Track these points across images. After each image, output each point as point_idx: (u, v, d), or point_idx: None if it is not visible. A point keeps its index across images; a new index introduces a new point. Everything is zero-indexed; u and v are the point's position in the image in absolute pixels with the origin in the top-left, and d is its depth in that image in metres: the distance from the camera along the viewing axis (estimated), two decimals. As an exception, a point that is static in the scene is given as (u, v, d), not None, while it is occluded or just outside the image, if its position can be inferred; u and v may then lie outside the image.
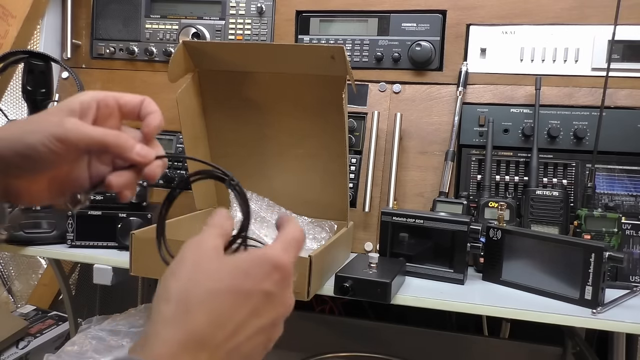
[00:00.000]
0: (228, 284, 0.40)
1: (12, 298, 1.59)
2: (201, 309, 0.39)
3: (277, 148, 1.12)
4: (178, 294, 0.40)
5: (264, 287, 0.42)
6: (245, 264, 0.42)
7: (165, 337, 0.38)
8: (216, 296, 0.40)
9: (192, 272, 0.41)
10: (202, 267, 0.41)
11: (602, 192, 1.08)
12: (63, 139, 0.46)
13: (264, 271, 0.42)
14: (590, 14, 1.11)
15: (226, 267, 0.42)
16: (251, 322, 0.41)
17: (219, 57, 1.03)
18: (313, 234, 1.01)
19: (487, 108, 1.15)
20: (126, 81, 1.34)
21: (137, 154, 0.49)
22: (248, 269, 0.42)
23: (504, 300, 0.85)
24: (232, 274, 0.41)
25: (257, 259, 0.42)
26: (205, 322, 0.39)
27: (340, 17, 1.25)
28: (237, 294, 0.40)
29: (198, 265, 0.41)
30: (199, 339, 0.38)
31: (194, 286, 0.40)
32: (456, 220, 0.93)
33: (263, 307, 0.42)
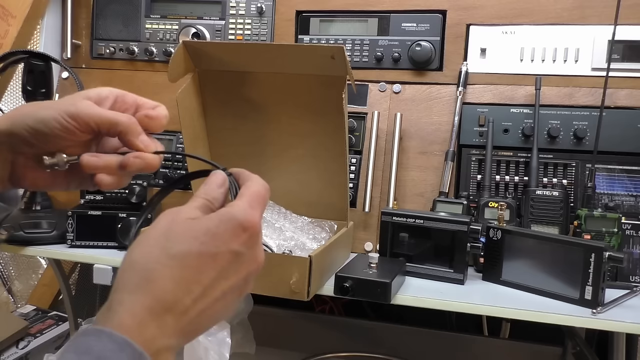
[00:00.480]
0: (193, 247, 0.40)
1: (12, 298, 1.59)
2: (166, 275, 0.38)
3: (277, 148, 1.12)
4: (142, 260, 0.39)
5: (231, 248, 0.41)
6: (211, 224, 0.41)
7: (130, 304, 0.37)
8: (181, 260, 0.39)
9: (157, 239, 0.40)
10: (168, 233, 0.40)
11: (602, 192, 1.08)
12: (75, 116, 0.47)
13: (231, 231, 0.41)
14: (590, 14, 1.11)
15: (191, 230, 0.40)
16: (220, 284, 0.41)
17: (219, 57, 1.03)
18: (313, 234, 1.01)
19: (487, 108, 1.15)
20: (126, 81, 1.34)
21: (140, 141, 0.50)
22: (214, 230, 0.41)
23: (504, 300, 0.85)
24: (197, 236, 0.40)
25: (224, 219, 0.41)
26: (171, 287, 0.38)
27: (340, 17, 1.25)
28: (203, 256, 0.40)
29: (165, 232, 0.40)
30: (165, 305, 0.37)
31: (159, 252, 0.39)
32: (456, 220, 0.93)
33: (232, 267, 0.41)
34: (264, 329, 1.20)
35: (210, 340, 0.97)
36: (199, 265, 0.39)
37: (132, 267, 0.39)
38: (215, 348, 0.97)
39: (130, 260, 0.39)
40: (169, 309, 0.38)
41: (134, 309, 0.37)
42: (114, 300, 0.38)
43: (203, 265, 0.40)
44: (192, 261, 0.39)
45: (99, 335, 0.35)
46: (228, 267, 0.41)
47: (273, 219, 1.02)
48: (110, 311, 0.37)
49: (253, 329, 1.17)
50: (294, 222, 1.04)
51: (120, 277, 0.39)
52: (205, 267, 0.40)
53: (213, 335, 0.98)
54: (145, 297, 0.37)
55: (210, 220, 0.41)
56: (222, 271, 0.41)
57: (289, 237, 0.97)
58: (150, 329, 0.36)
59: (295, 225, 1.03)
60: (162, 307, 0.37)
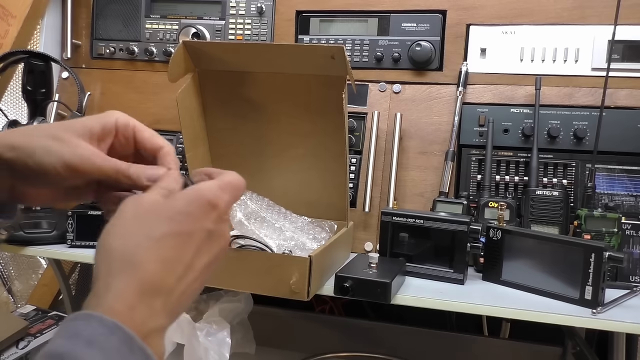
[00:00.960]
0: (170, 227, 0.41)
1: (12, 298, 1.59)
2: (148, 257, 0.39)
3: (277, 148, 1.12)
4: (120, 246, 0.39)
5: (204, 226, 0.42)
6: (182, 203, 0.42)
7: (117, 289, 0.37)
8: (161, 241, 0.40)
9: (131, 223, 0.40)
10: (141, 216, 0.41)
11: (602, 192, 1.08)
12: (74, 168, 0.45)
13: (203, 209, 0.43)
14: (590, 14, 1.11)
15: (164, 211, 0.41)
16: (198, 261, 0.42)
17: (219, 57, 1.03)
18: (313, 234, 1.01)
19: (487, 108, 1.15)
20: (126, 81, 1.34)
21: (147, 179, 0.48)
22: (187, 209, 0.42)
23: (504, 300, 0.85)
24: (171, 216, 0.41)
25: (193, 198, 0.43)
26: (155, 268, 0.39)
27: (340, 17, 1.25)
28: (181, 235, 0.41)
29: (136, 215, 0.41)
30: (153, 286, 0.38)
31: (137, 235, 0.40)
32: (456, 220, 0.93)
33: (205, 244, 0.43)
34: (264, 329, 1.20)
35: (210, 340, 0.97)
36: (178, 244, 0.41)
37: (111, 253, 0.39)
38: (215, 348, 0.97)
39: (108, 247, 0.39)
40: (156, 290, 0.38)
41: (121, 293, 0.37)
42: (99, 287, 0.38)
43: (182, 244, 0.41)
44: (171, 241, 0.40)
45: (88, 320, 0.35)
46: (202, 244, 0.42)
47: (273, 219, 1.02)
48: (97, 297, 0.37)
49: (253, 329, 1.17)
50: (294, 222, 1.04)
51: (101, 265, 0.39)
52: (183, 246, 0.41)
53: (213, 335, 0.98)
54: (131, 280, 0.37)
55: (180, 200, 0.43)
56: (198, 248, 0.42)
57: (289, 237, 0.97)
58: (140, 311, 0.37)
59: (295, 225, 1.03)
60: (150, 288, 0.38)
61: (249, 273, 0.84)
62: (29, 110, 1.18)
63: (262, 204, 1.05)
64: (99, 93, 1.34)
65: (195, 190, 0.43)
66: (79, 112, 1.19)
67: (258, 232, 0.96)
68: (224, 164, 1.19)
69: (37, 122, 1.13)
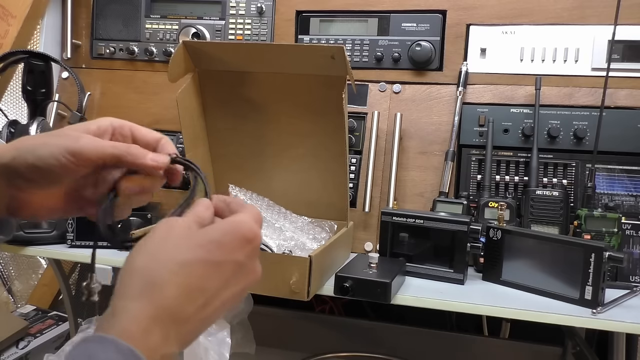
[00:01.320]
0: (199, 255, 0.39)
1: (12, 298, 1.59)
2: (171, 282, 0.38)
3: (277, 148, 1.12)
4: (145, 267, 0.38)
5: (236, 258, 0.41)
6: (217, 234, 0.41)
7: (134, 312, 0.36)
8: (186, 267, 0.39)
9: (160, 245, 0.40)
10: (171, 239, 0.40)
11: (602, 192, 1.08)
12: (76, 153, 0.45)
13: (237, 242, 0.41)
14: (590, 14, 1.11)
15: (197, 238, 0.41)
16: (222, 294, 0.41)
17: (219, 57, 1.03)
18: (313, 234, 1.01)
19: (487, 108, 1.15)
20: (126, 81, 1.34)
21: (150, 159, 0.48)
22: (220, 240, 0.41)
23: (504, 300, 0.85)
24: (203, 244, 0.40)
25: (230, 229, 0.42)
26: (175, 295, 0.38)
27: (340, 17, 1.25)
28: (208, 264, 0.40)
29: (167, 238, 0.40)
30: (170, 313, 0.37)
31: (163, 258, 0.39)
32: (456, 220, 0.93)
33: (234, 277, 0.42)
34: (264, 329, 1.20)
35: (210, 340, 0.97)
36: (204, 273, 0.39)
37: (135, 274, 0.38)
38: (215, 348, 0.97)
39: (133, 266, 0.39)
40: (173, 317, 0.37)
41: (138, 316, 0.36)
42: (117, 306, 0.37)
43: (208, 274, 0.40)
44: (197, 269, 0.39)
45: (103, 343, 0.34)
46: (231, 277, 0.41)
47: (273, 219, 1.02)
48: (114, 317, 0.36)
49: (253, 329, 1.17)
50: (294, 222, 1.04)
51: (123, 283, 0.38)
52: (210, 276, 0.40)
53: (213, 335, 0.98)
54: (149, 304, 0.37)
55: (216, 230, 0.42)
56: (225, 280, 0.41)
57: (289, 237, 0.97)
58: (154, 337, 0.36)
59: (295, 225, 1.03)
60: (167, 315, 0.37)
61: (249, 273, 0.84)
62: (29, 110, 1.18)
63: (262, 204, 1.05)
64: (99, 93, 1.34)
65: (232, 223, 0.42)
66: (79, 112, 1.19)
67: (258, 232, 0.96)
68: (224, 164, 1.19)
69: (37, 122, 1.13)
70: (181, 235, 0.41)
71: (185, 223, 0.42)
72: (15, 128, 1.13)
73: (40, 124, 1.14)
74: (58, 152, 0.45)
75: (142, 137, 0.51)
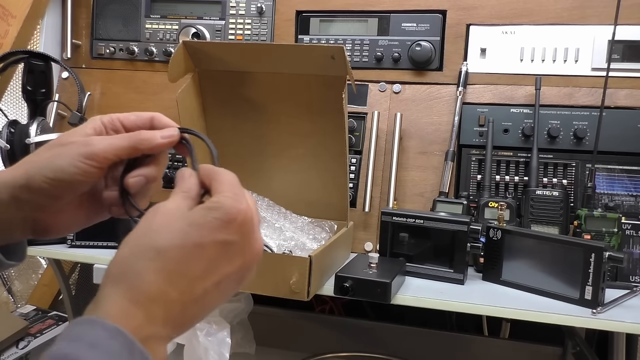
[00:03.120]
0: (175, 240, 0.39)
1: (12, 298, 1.59)
2: (148, 268, 0.38)
3: (277, 148, 1.12)
4: (126, 256, 0.39)
5: (218, 238, 0.40)
6: (196, 215, 0.40)
7: (114, 296, 0.37)
8: (163, 253, 0.38)
9: (141, 233, 0.40)
10: (151, 226, 0.40)
11: (602, 192, 1.08)
12: (93, 155, 0.45)
13: (218, 221, 0.40)
14: (590, 14, 1.11)
15: (175, 221, 0.40)
16: (211, 275, 0.40)
17: (219, 57, 1.03)
18: (313, 234, 1.01)
19: (487, 108, 1.15)
20: (126, 81, 1.34)
21: (162, 137, 0.48)
22: (199, 221, 0.40)
23: (504, 300, 0.85)
24: (181, 228, 0.39)
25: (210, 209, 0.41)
26: (154, 279, 0.38)
27: (340, 17, 1.25)
28: (186, 248, 0.39)
29: (148, 225, 0.40)
30: (150, 296, 0.38)
31: (143, 245, 0.39)
32: (456, 220, 0.93)
33: (222, 257, 0.40)
34: (264, 329, 1.20)
35: (210, 340, 0.97)
36: (182, 257, 0.39)
37: (117, 263, 0.39)
38: (215, 348, 0.97)
39: (117, 257, 0.40)
40: (153, 300, 0.38)
41: (118, 301, 0.37)
42: (99, 295, 0.38)
43: (187, 257, 0.39)
44: (174, 253, 0.39)
45: (91, 324, 0.36)
46: (217, 257, 0.40)
47: (273, 219, 1.02)
48: (97, 303, 0.38)
49: (253, 329, 1.17)
50: (294, 222, 1.04)
51: (106, 274, 0.39)
52: (189, 259, 0.39)
53: (213, 335, 0.98)
54: (129, 290, 0.37)
55: (195, 212, 0.41)
56: (211, 262, 0.40)
57: (289, 237, 0.97)
58: (137, 318, 0.37)
59: (295, 225, 1.03)
60: (147, 298, 0.37)
61: (249, 273, 0.84)
62: (29, 110, 1.18)
63: (262, 204, 1.05)
64: (99, 93, 1.34)
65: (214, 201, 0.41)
66: (79, 112, 1.19)
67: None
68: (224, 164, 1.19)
69: (37, 122, 1.13)
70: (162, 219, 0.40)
71: (170, 203, 0.42)
72: (15, 128, 1.13)
73: (40, 124, 1.14)
74: (75, 159, 0.45)
75: (133, 122, 0.50)
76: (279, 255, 0.87)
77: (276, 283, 0.82)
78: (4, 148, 1.11)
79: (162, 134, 0.48)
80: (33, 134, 1.12)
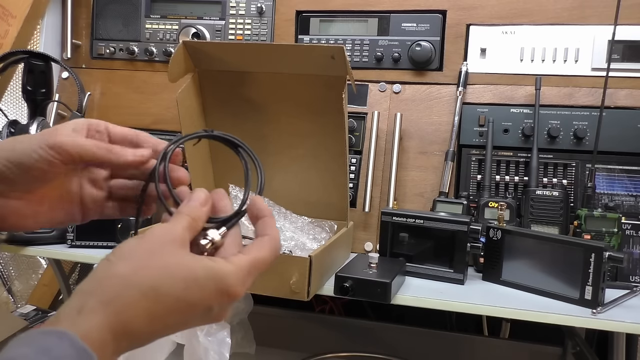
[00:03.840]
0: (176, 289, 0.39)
1: (12, 298, 1.59)
2: (140, 304, 0.38)
3: (277, 148, 1.12)
4: (124, 277, 0.38)
5: (208, 304, 0.41)
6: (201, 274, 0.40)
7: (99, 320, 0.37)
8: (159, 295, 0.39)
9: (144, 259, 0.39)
10: (156, 256, 0.40)
11: (602, 192, 1.08)
12: (57, 146, 0.45)
13: (216, 292, 0.41)
14: (590, 14, 1.11)
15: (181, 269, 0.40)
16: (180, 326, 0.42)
17: (219, 57, 1.03)
18: (313, 234, 1.01)
19: (487, 108, 1.15)
20: (126, 81, 1.34)
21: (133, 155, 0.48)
22: (202, 283, 0.40)
23: (504, 300, 0.85)
24: (184, 280, 0.40)
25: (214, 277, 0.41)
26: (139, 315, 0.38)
27: (340, 17, 1.25)
28: (180, 301, 0.40)
29: (154, 253, 0.40)
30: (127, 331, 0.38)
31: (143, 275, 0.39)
32: (456, 220, 0.93)
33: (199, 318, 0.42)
34: (264, 329, 1.20)
35: (210, 340, 0.97)
36: (173, 308, 0.40)
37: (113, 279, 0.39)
38: (215, 348, 0.97)
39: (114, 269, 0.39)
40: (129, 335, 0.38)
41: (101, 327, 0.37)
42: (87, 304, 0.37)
43: (176, 310, 0.40)
44: (168, 301, 0.39)
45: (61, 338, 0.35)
46: (196, 317, 0.42)
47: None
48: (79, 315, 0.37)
49: (253, 329, 1.17)
50: (294, 222, 1.04)
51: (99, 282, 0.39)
52: (177, 312, 0.40)
53: (213, 335, 0.98)
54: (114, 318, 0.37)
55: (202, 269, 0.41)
56: (189, 318, 0.41)
57: (289, 237, 0.97)
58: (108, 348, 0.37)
59: (295, 225, 1.03)
60: (124, 331, 0.38)
61: (249, 273, 0.84)
62: (29, 110, 1.18)
63: (262, 204, 1.05)
64: (99, 93, 1.34)
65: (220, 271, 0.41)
66: (79, 112, 1.19)
67: (258, 232, 0.96)
68: (224, 164, 1.19)
69: (37, 122, 1.13)
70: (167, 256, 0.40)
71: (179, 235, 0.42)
72: (15, 128, 1.13)
73: (40, 124, 1.14)
74: (37, 145, 0.45)
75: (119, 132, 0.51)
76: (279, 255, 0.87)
77: (276, 283, 0.82)
78: (4, 148, 1.11)
79: (135, 153, 0.48)
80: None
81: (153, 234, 0.41)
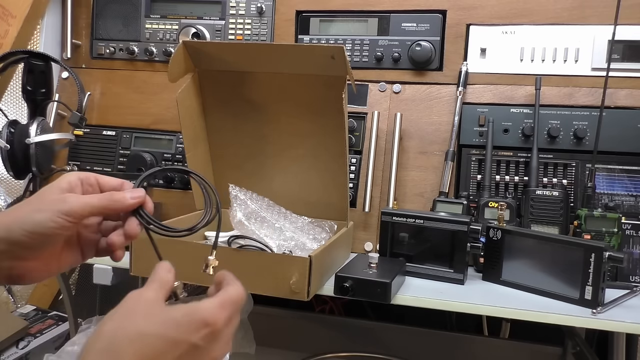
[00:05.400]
0: (157, 329, 0.44)
1: (12, 298, 1.59)
2: (130, 349, 0.42)
3: (277, 148, 1.12)
4: (110, 331, 0.43)
5: (191, 340, 0.45)
6: (178, 314, 0.45)
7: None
8: (145, 338, 0.43)
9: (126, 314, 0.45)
10: (136, 310, 0.45)
11: (602, 192, 1.08)
12: (70, 213, 0.51)
13: (194, 325, 0.45)
14: (590, 14, 1.11)
15: (159, 315, 0.45)
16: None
17: (219, 57, 1.03)
18: (313, 234, 1.01)
19: (487, 108, 1.15)
20: (126, 81, 1.34)
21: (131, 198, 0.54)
22: (179, 320, 0.45)
23: (504, 300, 0.85)
24: (163, 321, 0.45)
25: (189, 312, 0.46)
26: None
27: (340, 17, 1.25)
28: (163, 339, 0.44)
29: (134, 309, 0.45)
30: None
31: (126, 327, 0.44)
32: (456, 220, 0.93)
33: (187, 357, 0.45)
34: (264, 329, 1.20)
35: (210, 340, 0.97)
36: (159, 347, 0.44)
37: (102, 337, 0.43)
38: (215, 348, 0.97)
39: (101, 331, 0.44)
40: None
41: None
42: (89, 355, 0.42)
43: (162, 349, 0.44)
44: (154, 342, 0.43)
45: None
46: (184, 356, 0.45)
47: (273, 219, 1.02)
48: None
49: (253, 329, 1.17)
50: (294, 222, 1.04)
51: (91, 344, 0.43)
52: (163, 351, 0.44)
53: (213, 335, 0.97)
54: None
55: (177, 310, 0.46)
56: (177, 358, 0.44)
57: (289, 237, 0.97)
58: None
59: (295, 225, 1.03)
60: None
61: (249, 273, 0.84)
62: (29, 110, 1.18)
63: (262, 204, 1.05)
64: (99, 93, 1.34)
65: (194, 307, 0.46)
66: (78, 112, 1.19)
67: (258, 232, 0.96)
68: (224, 164, 1.19)
69: (37, 122, 1.13)
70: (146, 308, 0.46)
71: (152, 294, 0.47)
72: (15, 128, 1.13)
73: (40, 124, 1.14)
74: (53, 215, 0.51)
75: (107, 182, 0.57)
76: (279, 255, 0.87)
77: (276, 283, 0.82)
78: (4, 148, 1.11)
79: (132, 195, 0.55)
80: (33, 134, 1.12)
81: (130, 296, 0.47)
